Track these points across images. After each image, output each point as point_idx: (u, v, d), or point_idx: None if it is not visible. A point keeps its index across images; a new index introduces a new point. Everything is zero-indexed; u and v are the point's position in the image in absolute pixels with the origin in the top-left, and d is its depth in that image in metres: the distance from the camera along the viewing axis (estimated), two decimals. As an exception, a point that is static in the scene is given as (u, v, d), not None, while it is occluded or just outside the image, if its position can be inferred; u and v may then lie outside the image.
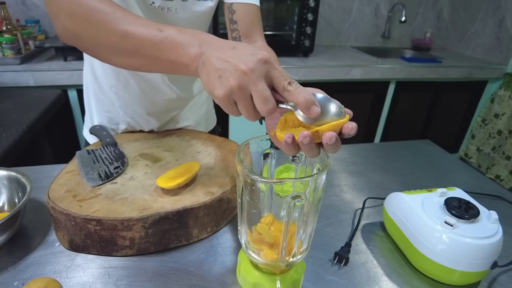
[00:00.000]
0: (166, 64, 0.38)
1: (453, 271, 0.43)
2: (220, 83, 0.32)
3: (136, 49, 0.38)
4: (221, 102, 0.33)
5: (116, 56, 0.41)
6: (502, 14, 2.07)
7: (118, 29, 0.38)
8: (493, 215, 0.45)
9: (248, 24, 0.62)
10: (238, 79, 0.31)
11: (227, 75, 0.32)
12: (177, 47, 0.36)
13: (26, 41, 1.46)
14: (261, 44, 0.63)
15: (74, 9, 0.40)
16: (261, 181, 0.34)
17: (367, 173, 0.73)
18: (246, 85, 0.32)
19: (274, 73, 0.33)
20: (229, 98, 0.33)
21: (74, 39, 0.42)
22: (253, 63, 0.32)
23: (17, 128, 0.91)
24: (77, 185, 0.50)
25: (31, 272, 0.43)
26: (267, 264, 0.39)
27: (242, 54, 0.33)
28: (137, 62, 0.40)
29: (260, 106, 0.32)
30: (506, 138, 2.04)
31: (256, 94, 0.32)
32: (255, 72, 0.32)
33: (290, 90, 0.32)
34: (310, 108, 0.32)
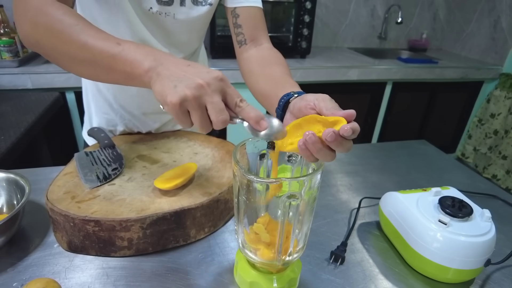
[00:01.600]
0: (122, 75, 0.39)
1: (447, 269, 0.44)
2: (175, 91, 0.34)
3: (94, 59, 0.40)
4: (172, 109, 0.34)
5: (75, 65, 0.43)
6: (497, 15, 2.09)
7: (78, 40, 0.40)
8: (486, 214, 0.46)
9: (253, 27, 0.62)
10: (194, 90, 0.33)
11: (183, 86, 0.34)
12: (132, 59, 0.38)
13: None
14: (268, 47, 0.63)
15: (38, 18, 0.41)
16: (257, 181, 0.35)
17: (363, 173, 0.73)
18: (201, 96, 0.34)
19: (228, 90, 0.36)
20: (181, 105, 0.34)
21: (36, 46, 0.44)
22: (209, 79, 0.34)
23: (15, 130, 0.91)
24: (76, 187, 0.50)
25: (30, 273, 0.43)
26: (264, 263, 0.39)
27: (198, 71, 0.35)
28: (95, 72, 0.42)
29: (214, 117, 0.34)
30: (502, 138, 2.06)
31: (211, 106, 0.34)
32: (211, 86, 0.34)
33: (242, 106, 0.36)
34: (260, 122, 0.36)
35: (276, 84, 0.51)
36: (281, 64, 0.58)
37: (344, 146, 0.34)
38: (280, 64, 0.58)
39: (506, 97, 2.02)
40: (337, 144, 0.34)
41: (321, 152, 0.34)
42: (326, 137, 0.33)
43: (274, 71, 0.55)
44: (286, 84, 0.50)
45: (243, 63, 0.63)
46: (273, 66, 0.57)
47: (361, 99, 1.93)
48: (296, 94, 0.45)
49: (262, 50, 0.63)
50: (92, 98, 0.71)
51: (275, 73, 0.55)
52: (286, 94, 0.46)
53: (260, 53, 0.62)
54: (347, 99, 1.89)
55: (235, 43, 0.65)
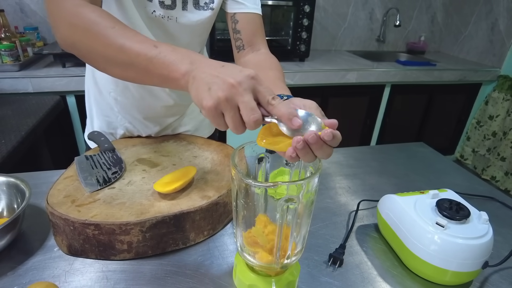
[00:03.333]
0: (158, 78, 0.39)
1: (445, 271, 0.44)
2: (209, 94, 0.34)
3: (131, 62, 0.40)
4: (209, 113, 0.35)
5: (112, 67, 0.43)
6: (495, 18, 2.10)
7: (115, 43, 0.40)
8: (483, 216, 0.47)
9: (251, 33, 0.64)
10: (226, 91, 0.33)
11: (216, 88, 0.34)
12: (169, 63, 0.38)
13: (24, 48, 1.47)
14: (264, 52, 0.64)
15: (75, 20, 0.42)
16: (255, 185, 0.35)
17: (362, 175, 0.74)
18: (233, 97, 0.34)
19: (259, 88, 0.35)
20: (216, 109, 0.34)
21: (73, 47, 0.44)
22: (240, 77, 0.34)
23: (16, 134, 0.92)
24: (76, 191, 0.51)
25: (30, 277, 0.43)
26: (262, 266, 0.40)
27: (230, 71, 0.35)
28: (132, 74, 0.42)
29: (246, 116, 0.34)
30: (500, 139, 2.06)
31: (243, 105, 0.34)
32: (242, 85, 0.34)
33: (274, 104, 0.35)
34: (292, 120, 0.34)
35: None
36: (276, 69, 0.59)
37: (324, 150, 0.35)
38: (275, 69, 0.59)
39: (504, 99, 2.03)
40: (318, 147, 0.34)
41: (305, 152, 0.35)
42: (308, 139, 0.33)
43: (267, 75, 0.56)
44: (276, 88, 0.51)
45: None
46: (267, 70, 0.59)
47: (359, 101, 1.94)
48: (285, 97, 0.45)
49: (259, 55, 0.64)
50: (94, 100, 0.72)
51: (268, 77, 0.56)
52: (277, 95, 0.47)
53: (257, 58, 0.63)
54: (346, 102, 1.90)
55: (233, 47, 0.66)
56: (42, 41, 1.69)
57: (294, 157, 0.35)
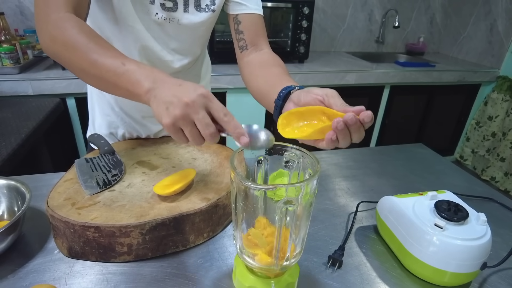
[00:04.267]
0: (125, 92, 0.44)
1: (444, 272, 0.45)
2: (167, 113, 0.38)
3: (102, 76, 0.44)
4: (168, 129, 0.39)
5: (87, 79, 0.48)
6: (493, 19, 2.11)
7: (89, 58, 0.44)
8: (482, 217, 0.47)
9: (254, 33, 0.65)
10: (181, 109, 0.37)
11: (173, 107, 0.38)
12: (135, 80, 0.42)
13: (24, 51, 1.47)
14: (267, 51, 0.66)
15: (56, 33, 0.46)
16: (254, 187, 0.36)
17: (361, 177, 0.74)
18: (188, 114, 0.38)
19: (211, 105, 0.39)
20: (174, 125, 0.38)
21: (54, 56, 0.49)
22: (194, 96, 0.38)
23: (16, 137, 0.92)
24: (76, 193, 0.51)
25: (30, 280, 0.43)
26: (262, 268, 0.40)
27: (186, 90, 0.39)
28: (103, 86, 0.47)
29: (202, 131, 0.38)
30: (500, 140, 2.07)
31: (198, 121, 0.38)
32: (196, 103, 0.38)
33: (226, 120, 0.39)
34: (240, 139, 0.39)
35: (275, 82, 0.54)
36: (280, 66, 0.61)
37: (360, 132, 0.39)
38: (279, 66, 0.61)
39: (503, 100, 2.03)
40: (356, 128, 0.38)
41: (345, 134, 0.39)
42: (347, 120, 0.37)
43: (273, 72, 0.58)
44: (285, 81, 0.53)
45: (244, 67, 0.65)
46: (272, 67, 0.60)
47: (359, 103, 1.90)
48: (297, 87, 0.48)
49: (262, 54, 0.65)
50: (96, 100, 0.74)
51: (274, 73, 0.58)
52: (287, 86, 0.50)
53: (260, 57, 0.64)
54: (345, 103, 1.90)
55: (236, 48, 0.67)
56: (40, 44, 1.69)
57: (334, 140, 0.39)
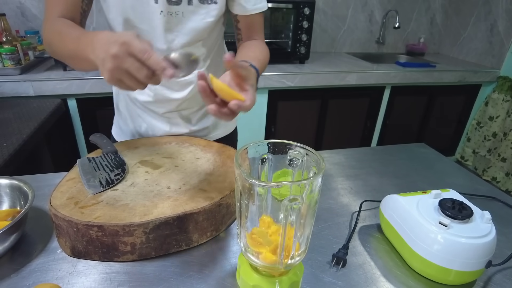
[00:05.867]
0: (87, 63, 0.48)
1: (449, 270, 0.44)
2: (103, 69, 0.42)
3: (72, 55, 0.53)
4: (110, 83, 0.42)
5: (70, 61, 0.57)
6: (494, 19, 2.11)
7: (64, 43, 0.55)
8: (486, 215, 0.47)
9: (249, 30, 0.73)
10: (111, 63, 0.40)
11: (105, 63, 0.41)
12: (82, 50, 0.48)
13: (25, 52, 1.47)
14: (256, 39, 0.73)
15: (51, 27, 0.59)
16: (259, 185, 0.36)
17: (364, 176, 0.74)
18: (118, 65, 0.40)
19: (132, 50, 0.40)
20: (113, 77, 0.41)
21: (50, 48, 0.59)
22: (116, 48, 0.40)
23: (17, 137, 0.92)
24: (79, 193, 0.51)
25: (33, 279, 0.43)
26: (266, 267, 0.40)
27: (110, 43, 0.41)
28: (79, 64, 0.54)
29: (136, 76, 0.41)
30: (501, 140, 2.07)
31: (130, 69, 0.40)
32: (120, 53, 0.40)
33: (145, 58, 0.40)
34: (165, 72, 0.41)
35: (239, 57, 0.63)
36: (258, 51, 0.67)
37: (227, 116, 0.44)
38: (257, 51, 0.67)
39: (504, 100, 2.03)
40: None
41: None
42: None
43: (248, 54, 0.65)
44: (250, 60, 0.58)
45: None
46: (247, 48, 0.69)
47: (360, 103, 1.94)
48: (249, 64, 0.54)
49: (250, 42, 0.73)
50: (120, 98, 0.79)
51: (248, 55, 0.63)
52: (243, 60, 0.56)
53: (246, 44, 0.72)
54: (346, 104, 1.90)
55: (236, 38, 0.76)
56: (43, 44, 1.69)
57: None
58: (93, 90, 1.42)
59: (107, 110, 1.51)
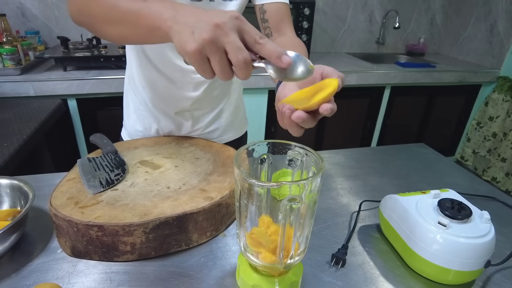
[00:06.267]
0: (145, 29, 0.40)
1: (448, 270, 0.44)
2: (192, 38, 0.32)
3: (122, 17, 0.42)
4: (193, 58, 0.33)
5: (108, 26, 0.46)
6: (494, 19, 2.12)
7: (109, 1, 0.43)
8: (485, 215, 0.47)
9: (278, 20, 0.67)
10: (210, 32, 0.32)
11: (200, 30, 0.32)
12: (155, 11, 0.38)
13: (26, 52, 1.48)
14: (290, 35, 0.67)
15: None
16: (258, 185, 0.36)
17: (363, 176, 0.74)
18: (218, 38, 0.32)
19: (245, 27, 0.34)
20: (201, 53, 0.33)
21: (79, 14, 0.49)
22: (224, 18, 0.33)
23: (17, 137, 0.92)
24: (79, 192, 0.51)
25: (33, 279, 0.43)
26: (266, 267, 0.40)
27: (213, 13, 0.34)
28: (124, 30, 0.44)
29: (234, 56, 0.32)
30: (501, 140, 2.07)
31: (229, 45, 0.32)
32: (227, 25, 0.32)
33: (261, 43, 0.33)
34: (282, 58, 0.33)
35: None
36: (298, 47, 0.61)
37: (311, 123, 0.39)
38: (297, 47, 0.61)
39: (504, 100, 2.03)
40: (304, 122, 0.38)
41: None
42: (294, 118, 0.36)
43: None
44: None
45: None
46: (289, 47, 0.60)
47: (360, 103, 1.94)
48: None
49: (284, 38, 0.66)
50: (131, 98, 0.77)
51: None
52: None
53: (282, 40, 0.66)
54: (346, 104, 1.90)
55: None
56: (43, 45, 1.70)
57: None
58: (93, 91, 1.42)
59: (107, 110, 1.52)
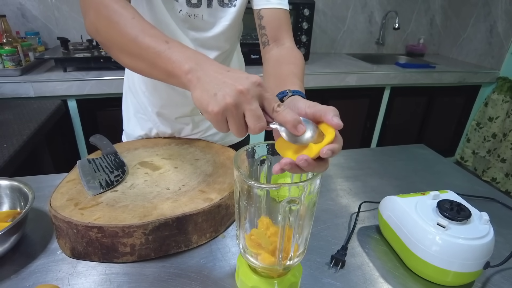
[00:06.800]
0: (163, 72, 0.40)
1: (447, 272, 0.44)
2: (215, 100, 0.34)
3: (141, 53, 0.41)
4: (213, 118, 0.35)
5: (124, 56, 0.45)
6: (493, 20, 2.12)
7: (130, 33, 0.42)
8: (484, 216, 0.47)
9: (276, 28, 0.63)
10: (234, 98, 0.33)
11: (223, 94, 0.34)
12: (175, 59, 0.38)
13: (26, 53, 1.48)
14: (288, 46, 0.63)
15: (100, 8, 0.45)
16: (257, 186, 0.36)
17: (363, 177, 0.74)
18: (241, 104, 0.34)
19: (265, 95, 0.35)
20: (222, 114, 0.34)
21: (96, 33, 0.47)
22: (248, 84, 0.34)
23: (17, 138, 0.92)
24: (79, 194, 0.51)
25: (33, 280, 0.43)
26: (265, 268, 0.40)
27: (237, 76, 0.35)
28: (140, 65, 0.43)
29: (252, 123, 0.34)
30: (500, 141, 2.07)
31: (250, 113, 0.34)
32: (250, 92, 0.34)
33: (279, 111, 0.35)
34: (297, 127, 0.35)
35: (280, 83, 0.51)
36: (293, 63, 0.58)
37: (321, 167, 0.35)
38: (292, 63, 0.58)
39: (503, 101, 2.03)
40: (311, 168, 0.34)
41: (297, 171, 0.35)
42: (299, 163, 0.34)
43: (283, 70, 0.55)
44: (288, 83, 0.50)
45: (264, 64, 0.64)
46: (284, 65, 0.57)
47: (360, 104, 1.94)
48: (290, 93, 0.45)
49: (281, 50, 0.63)
50: (131, 101, 0.77)
51: (283, 72, 0.55)
52: (281, 92, 0.46)
53: (278, 53, 0.62)
54: (346, 105, 1.90)
55: (260, 44, 0.66)
56: (43, 45, 1.70)
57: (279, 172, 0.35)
58: (93, 91, 1.42)
59: (107, 111, 1.52)
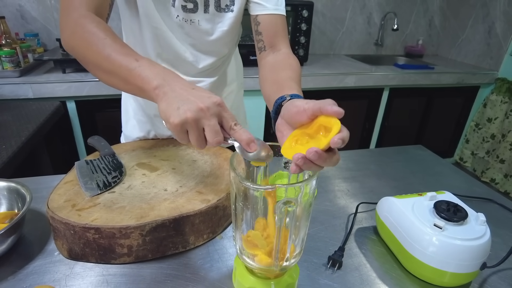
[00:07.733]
0: (135, 88, 0.44)
1: (444, 272, 0.45)
2: (177, 113, 0.38)
3: (114, 70, 0.45)
4: (174, 129, 0.39)
5: (99, 73, 0.48)
6: (492, 21, 2.12)
7: (103, 52, 0.45)
8: (481, 217, 0.47)
9: (272, 34, 0.64)
10: (194, 113, 0.37)
11: (185, 109, 0.37)
12: (145, 76, 0.42)
13: (25, 54, 1.48)
14: (284, 52, 0.63)
15: (76, 28, 0.48)
16: (253, 188, 0.36)
17: (361, 178, 0.74)
18: (200, 119, 0.38)
19: (224, 114, 0.40)
20: (182, 126, 0.38)
21: (72, 51, 0.51)
22: (209, 103, 0.38)
23: (16, 140, 0.92)
24: (76, 195, 0.51)
25: (30, 281, 0.43)
26: (262, 269, 0.40)
27: (200, 95, 0.39)
28: (114, 81, 0.47)
29: (210, 137, 0.39)
30: (499, 141, 2.07)
31: (209, 128, 0.38)
32: (210, 110, 0.38)
33: (235, 129, 0.40)
34: (250, 145, 0.39)
35: (278, 88, 0.51)
36: (290, 69, 0.58)
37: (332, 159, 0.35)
38: (289, 69, 0.58)
39: (502, 102, 2.04)
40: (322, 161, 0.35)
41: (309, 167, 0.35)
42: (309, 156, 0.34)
43: (280, 75, 0.56)
44: (286, 88, 0.50)
45: (260, 70, 0.64)
46: (281, 71, 0.58)
47: (358, 105, 1.95)
48: (289, 97, 0.45)
49: (278, 56, 0.63)
50: (130, 104, 0.78)
51: (280, 77, 0.55)
52: (280, 97, 0.47)
53: (274, 59, 0.62)
54: (344, 106, 1.87)
55: (256, 49, 0.66)
56: (42, 47, 1.70)
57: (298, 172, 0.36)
58: (92, 93, 1.42)
59: (106, 113, 1.52)
